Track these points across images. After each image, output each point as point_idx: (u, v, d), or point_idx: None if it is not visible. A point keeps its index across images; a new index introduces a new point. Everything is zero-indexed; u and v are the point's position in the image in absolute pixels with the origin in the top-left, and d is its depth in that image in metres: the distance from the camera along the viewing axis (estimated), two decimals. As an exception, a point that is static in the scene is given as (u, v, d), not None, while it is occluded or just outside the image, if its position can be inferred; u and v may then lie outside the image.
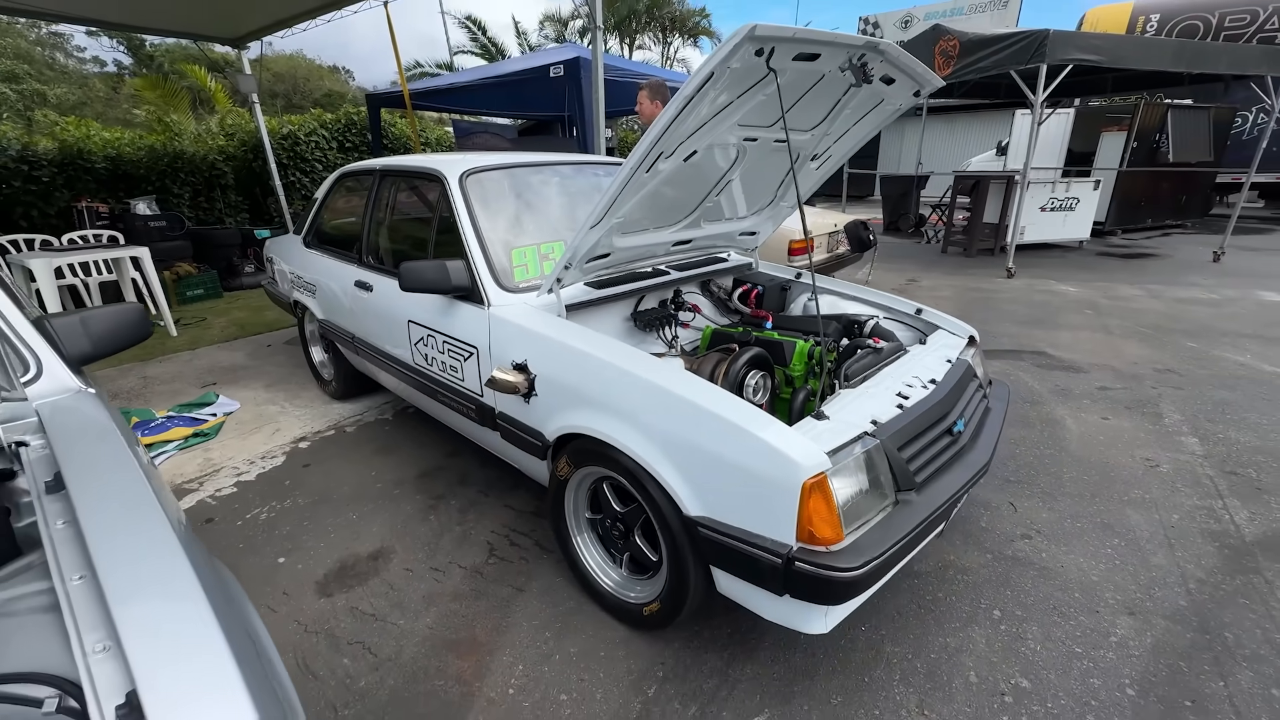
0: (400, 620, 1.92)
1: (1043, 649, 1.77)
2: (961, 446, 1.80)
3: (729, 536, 1.46)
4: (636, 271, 2.43)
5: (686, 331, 2.57)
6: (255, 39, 7.18)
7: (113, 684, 0.71)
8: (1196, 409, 3.34)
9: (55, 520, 0.94)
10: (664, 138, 1.61)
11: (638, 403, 1.63)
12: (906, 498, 1.57)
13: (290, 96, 22.68)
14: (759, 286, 2.68)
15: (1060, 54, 5.98)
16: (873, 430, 1.58)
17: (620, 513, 1.83)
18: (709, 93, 1.51)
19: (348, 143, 8.98)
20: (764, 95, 1.72)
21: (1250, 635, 1.80)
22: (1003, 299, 5.96)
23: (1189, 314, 5.28)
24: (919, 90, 2.10)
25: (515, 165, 2.60)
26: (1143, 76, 8.14)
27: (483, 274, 2.12)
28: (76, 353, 1.45)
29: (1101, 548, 2.21)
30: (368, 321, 2.80)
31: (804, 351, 2.13)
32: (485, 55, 16.58)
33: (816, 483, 1.36)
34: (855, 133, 2.32)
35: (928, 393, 1.84)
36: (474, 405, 2.19)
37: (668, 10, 20.69)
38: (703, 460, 1.50)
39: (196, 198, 7.88)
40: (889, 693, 1.64)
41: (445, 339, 2.25)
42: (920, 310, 2.47)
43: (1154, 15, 12.92)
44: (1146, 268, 7.49)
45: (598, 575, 1.94)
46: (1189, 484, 2.61)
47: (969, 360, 2.15)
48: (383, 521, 2.44)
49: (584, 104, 4.93)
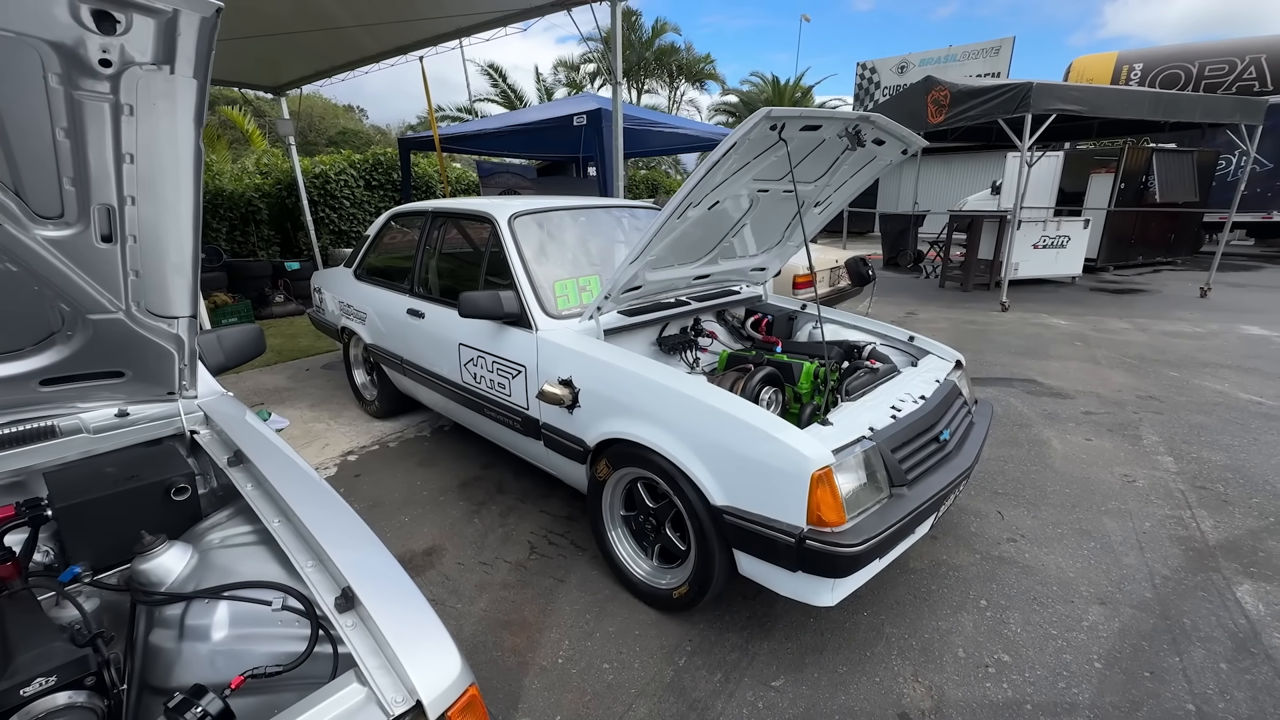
0: (458, 604, 2.18)
1: (1023, 631, 2.02)
2: (948, 452, 2.09)
3: (750, 521, 1.74)
4: (661, 301, 2.76)
5: (705, 355, 2.88)
6: (295, 87, 7.73)
7: (328, 585, 1.00)
8: (1174, 432, 3.61)
9: (245, 484, 1.25)
10: (694, 191, 1.95)
11: (672, 411, 1.93)
12: (899, 492, 1.85)
13: (306, 134, 23.62)
14: (769, 316, 3.00)
15: (1044, 104, 6.43)
16: (870, 435, 1.87)
17: (653, 508, 2.11)
18: (733, 156, 1.86)
19: (374, 181, 9.49)
20: (775, 157, 2.07)
21: (1206, 621, 2.05)
22: (997, 331, 6.28)
23: (1173, 346, 5.58)
24: (906, 150, 2.47)
25: (555, 209, 2.97)
26: (1127, 123, 8.63)
27: (531, 303, 2.45)
28: (214, 364, 1.77)
29: (1079, 550, 2.46)
30: (418, 345, 3.13)
31: (810, 372, 2.43)
32: (505, 102, 17.42)
33: (823, 474, 1.65)
34: (853, 183, 2.68)
35: (918, 406, 2.14)
36: (520, 417, 2.49)
37: (675, 58, 21.71)
38: (728, 458, 1.80)
39: (232, 232, 8.34)
40: (888, 664, 1.89)
41: (495, 359, 2.56)
42: (913, 337, 2.78)
43: (1137, 65, 13.60)
44: (1136, 302, 7.82)
45: (631, 566, 2.21)
46: (1162, 497, 2.87)
47: (955, 381, 2.45)
48: (432, 524, 2.72)
49: (605, 150, 5.36)
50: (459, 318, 2.47)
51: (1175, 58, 13.43)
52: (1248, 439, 3.48)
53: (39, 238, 0.97)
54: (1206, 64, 12.93)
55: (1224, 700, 1.74)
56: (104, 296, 1.11)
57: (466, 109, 14.36)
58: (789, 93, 22.50)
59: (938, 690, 1.80)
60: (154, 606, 1.05)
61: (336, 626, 0.94)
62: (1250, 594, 2.19)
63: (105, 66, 0.78)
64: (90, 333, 1.18)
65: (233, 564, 1.10)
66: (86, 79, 0.79)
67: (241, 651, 1.01)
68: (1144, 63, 13.73)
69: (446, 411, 3.27)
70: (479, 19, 5.38)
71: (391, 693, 0.86)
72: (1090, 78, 14.15)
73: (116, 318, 1.16)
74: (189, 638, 1.01)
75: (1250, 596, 2.17)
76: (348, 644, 0.91)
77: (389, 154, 9.59)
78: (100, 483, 1.21)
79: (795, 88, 22.87)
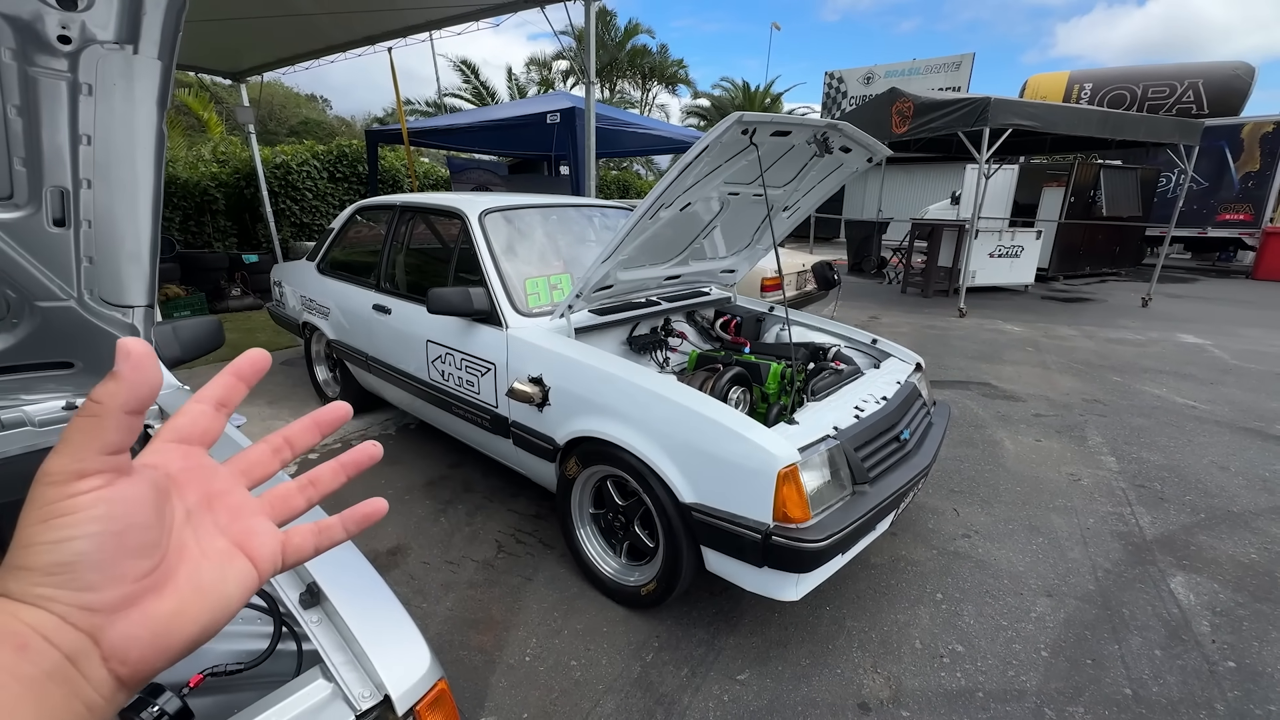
0: (423, 604, 2.15)
1: (975, 622, 2.11)
2: (907, 451, 2.16)
3: (718, 518, 1.77)
4: (632, 301, 2.77)
5: (674, 355, 2.91)
6: (255, 74, 7.48)
7: (291, 581, 0.99)
8: (1116, 433, 3.80)
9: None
10: (666, 193, 1.98)
11: (642, 409, 1.95)
12: (861, 489, 1.91)
13: (266, 123, 22.82)
14: (738, 317, 3.05)
15: (1000, 119, 6.70)
16: (834, 434, 1.93)
17: (622, 506, 2.13)
18: (705, 159, 1.89)
19: (338, 173, 9.24)
20: (746, 161, 2.11)
21: (1142, 611, 2.18)
22: (955, 336, 6.50)
23: (1117, 353, 5.88)
24: (871, 158, 2.54)
25: (526, 206, 2.96)
26: (1077, 139, 9.05)
27: (501, 300, 2.44)
28: (169, 357, 1.71)
29: (1028, 545, 2.58)
30: (384, 341, 3.07)
31: (777, 372, 2.48)
32: (476, 98, 17.19)
33: (789, 472, 1.69)
34: (820, 189, 2.75)
35: (880, 407, 2.20)
36: (489, 415, 2.47)
37: (647, 60, 21.78)
38: (696, 456, 1.82)
39: (187, 221, 8.01)
40: (849, 656, 1.95)
41: (464, 356, 2.54)
42: (876, 340, 2.87)
43: (1087, 84, 14.27)
44: (1083, 311, 8.21)
45: (599, 563, 2.22)
46: (1104, 494, 3.03)
47: (915, 383, 2.54)
48: (397, 524, 2.67)
49: (578, 148, 5.36)
50: (427, 314, 2.44)
51: (1122, 79, 14.16)
52: (1182, 440, 3.70)
53: (-15, 220, 0.93)
54: (1150, 86, 13.67)
55: (1158, 684, 1.85)
56: (54, 283, 1.07)
57: (436, 103, 14.14)
58: (759, 99, 22.84)
59: (896, 680, 1.86)
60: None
61: (301, 623, 0.93)
62: (1182, 585, 2.32)
63: (64, 43, 0.75)
64: (38, 321, 1.12)
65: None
66: (43, 55, 0.76)
67: (204, 650, 0.98)
68: (1094, 82, 14.43)
69: (412, 409, 3.22)
70: (450, 11, 5.30)
71: (358, 688, 0.85)
72: (1044, 94, 14.78)
73: (67, 306, 1.11)
74: (143, 637, 0.98)
75: (1182, 588, 2.31)
76: (313, 640, 0.90)
77: (354, 145, 9.36)
78: (46, 478, 1.16)
79: (765, 94, 23.22)
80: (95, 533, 0.29)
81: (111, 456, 0.29)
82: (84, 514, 0.28)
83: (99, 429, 0.29)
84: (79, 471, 0.29)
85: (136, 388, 0.29)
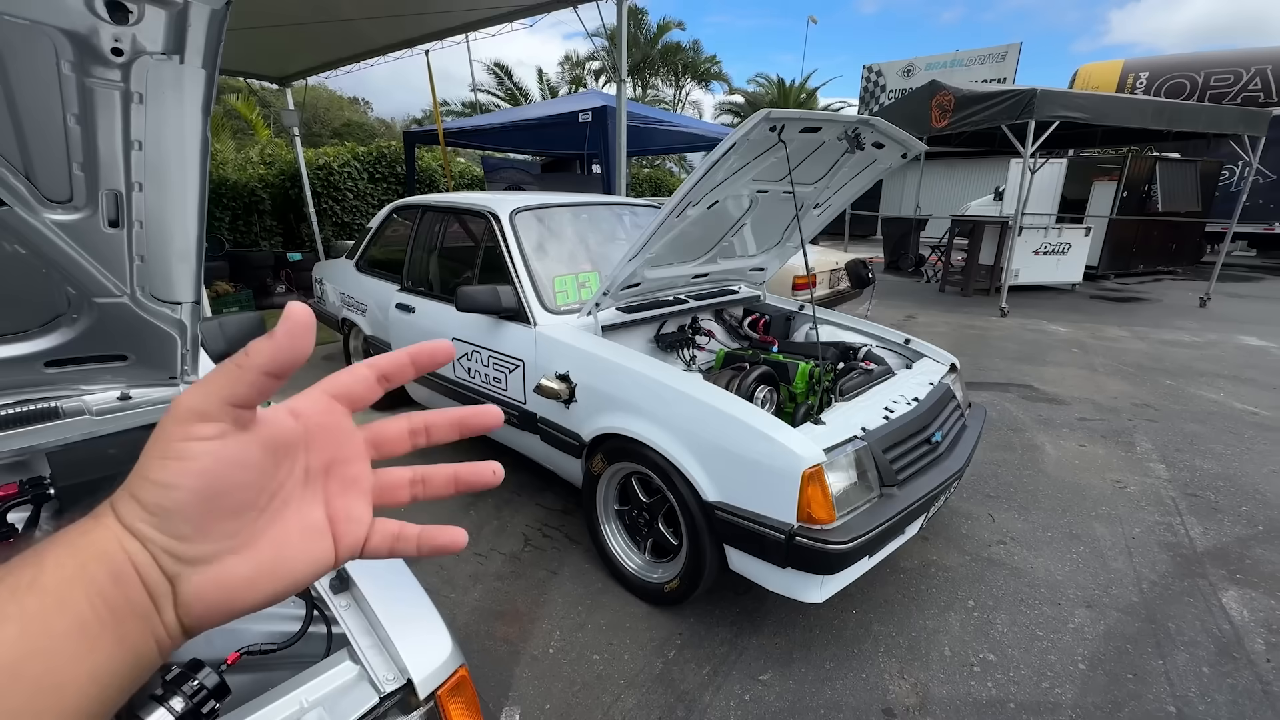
0: (451, 594, 2.21)
1: (1009, 631, 2.05)
2: (939, 454, 2.11)
3: (741, 517, 1.77)
4: (660, 299, 2.78)
5: (702, 354, 2.90)
6: (300, 78, 7.75)
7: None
8: (1167, 440, 3.63)
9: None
10: (693, 191, 1.97)
11: (667, 407, 1.95)
12: (889, 492, 1.87)
13: (310, 125, 23.60)
14: (766, 316, 3.02)
15: (1047, 111, 6.45)
16: (862, 435, 1.90)
17: (646, 503, 2.14)
18: (732, 156, 1.88)
19: (378, 174, 9.50)
20: (775, 158, 2.09)
21: (1190, 626, 2.08)
22: (995, 336, 6.30)
23: (1171, 355, 5.60)
24: (905, 154, 2.49)
25: (556, 205, 2.99)
26: (1130, 131, 8.64)
27: (530, 298, 2.47)
28: (215, 351, 1.79)
29: (1068, 553, 2.49)
30: (409, 340, 3.14)
31: (805, 372, 2.45)
32: (509, 99, 17.43)
33: (814, 472, 1.67)
34: (852, 186, 2.71)
35: (910, 408, 2.16)
36: (516, 411, 2.51)
37: (680, 57, 21.69)
38: (721, 454, 1.82)
39: (235, 221, 8.36)
40: (875, 661, 1.92)
41: (490, 354, 2.59)
42: (908, 340, 2.80)
43: (1143, 73, 13.60)
44: (1135, 311, 7.84)
45: (623, 559, 2.24)
46: (1152, 503, 2.89)
47: (949, 384, 2.48)
48: (426, 513, 2.74)
49: (609, 147, 5.38)
50: (453, 312, 2.50)
51: (1181, 67, 13.44)
52: (1241, 448, 3.50)
53: (48, 221, 0.99)
54: (1212, 74, 12.94)
55: (1205, 703, 1.77)
56: (110, 281, 1.13)
57: (471, 104, 14.39)
58: (794, 94, 22.49)
59: (923, 687, 1.82)
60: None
61: (331, 607, 0.97)
62: (1235, 600, 2.21)
63: (117, 55, 0.80)
64: (95, 316, 1.20)
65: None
66: (98, 67, 0.81)
67: (238, 629, 1.03)
68: (1150, 71, 13.74)
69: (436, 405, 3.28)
70: (485, 14, 5.39)
71: (383, 670, 0.88)
72: (1096, 85, 14.16)
73: (121, 302, 1.18)
74: (186, 615, 1.04)
75: (1235, 603, 2.20)
76: (341, 624, 0.94)
77: (393, 147, 9.60)
78: (102, 463, 1.24)
79: (800, 90, 22.85)
80: (196, 488, 0.29)
81: (237, 409, 0.30)
82: (191, 464, 0.29)
83: (234, 380, 0.30)
84: (202, 413, 0.30)
85: (284, 351, 0.31)
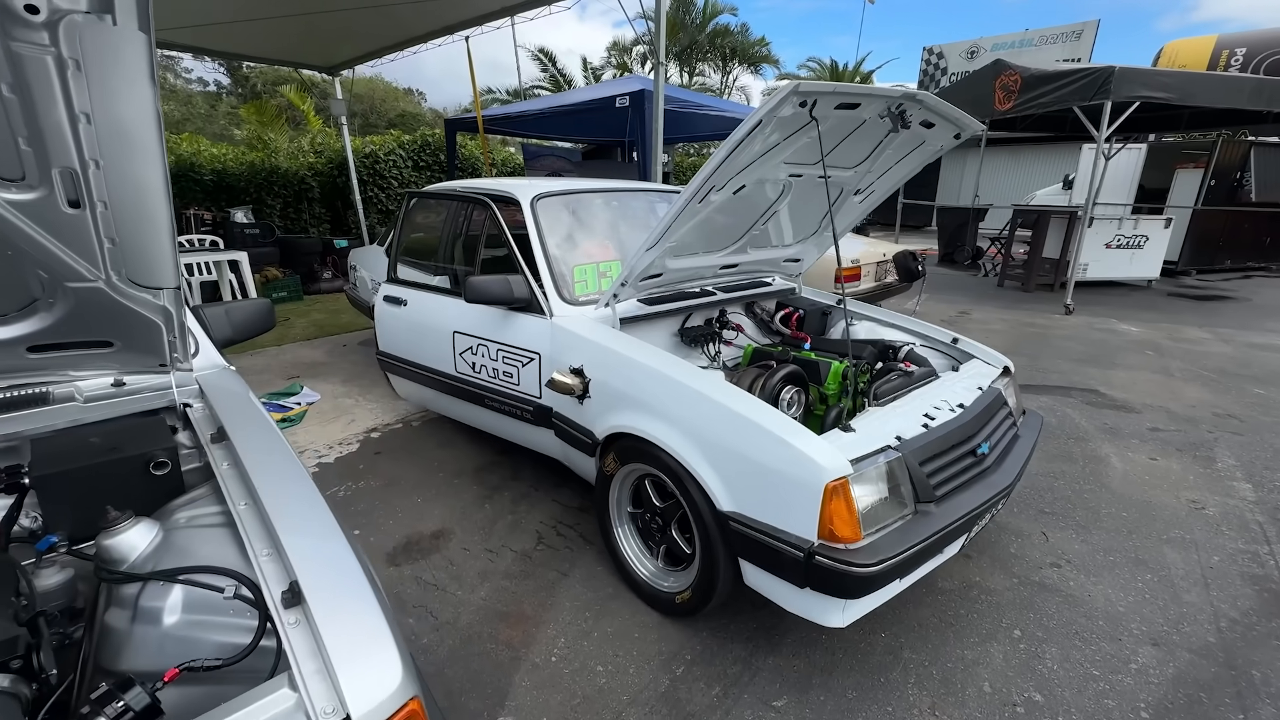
0: (458, 591, 2.15)
1: (1060, 669, 1.83)
2: (985, 468, 1.90)
3: (757, 530, 1.62)
4: (685, 291, 2.63)
5: (729, 349, 2.74)
6: (347, 67, 7.89)
7: (277, 577, 0.95)
8: (1254, 455, 3.25)
9: (221, 462, 1.21)
10: (716, 174, 1.82)
11: (681, 407, 1.82)
12: (925, 509, 1.69)
13: (368, 116, 24.27)
14: (800, 310, 2.83)
15: (1126, 91, 5.90)
16: (896, 444, 1.71)
17: (659, 507, 2.02)
18: (758, 136, 1.72)
19: (421, 162, 9.64)
20: (808, 138, 1.91)
21: (1279, 674, 1.81)
22: (1058, 335, 5.85)
23: (1260, 360, 5.06)
24: (959, 134, 2.25)
25: (580, 191, 2.87)
26: (1221, 113, 7.85)
27: (548, 287, 2.37)
28: (221, 337, 1.76)
29: (1132, 581, 2.23)
30: (400, 337, 3.05)
31: (839, 372, 2.27)
32: (554, 86, 17.41)
33: (838, 486, 1.51)
34: (898, 170, 2.48)
35: (954, 415, 1.95)
36: (531, 407, 2.42)
37: (729, 40, 21.15)
38: (737, 461, 1.67)
39: (286, 209, 8.63)
40: (903, 693, 1.74)
41: (501, 347, 2.48)
42: (956, 340, 2.57)
43: (1239, 50, 12.39)
44: (1220, 310, 7.16)
45: (635, 564, 2.12)
46: (1235, 528, 2.58)
47: (1001, 389, 2.24)
48: (444, 506, 2.70)
49: (645, 132, 5.23)
50: (454, 305, 2.43)
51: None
52: (1343, 469, 3.10)
53: (2, 201, 0.94)
54: (1322, 49, 11.66)
55: (1295, 769, 1.53)
56: (80, 264, 1.09)
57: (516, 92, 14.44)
58: (847, 78, 21.62)
59: (956, 727, 1.64)
60: (113, 585, 1.02)
61: (278, 623, 0.89)
62: (1335, 647, 1.92)
63: (33, 13, 0.72)
64: (72, 301, 1.16)
65: (193, 546, 1.06)
66: (19, 28, 0.74)
67: (192, 639, 0.97)
68: (1247, 47, 12.49)
69: (432, 405, 3.17)
70: (524, -4, 5.32)
71: (322, 701, 0.79)
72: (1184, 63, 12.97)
73: (96, 286, 1.14)
74: (141, 620, 0.98)
75: (1335, 650, 1.91)
76: (285, 643, 0.86)
77: (437, 135, 9.72)
78: (82, 452, 1.20)
79: (855, 73, 21.96)
80: None
81: None
82: None
83: None
84: None
85: None
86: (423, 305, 2.88)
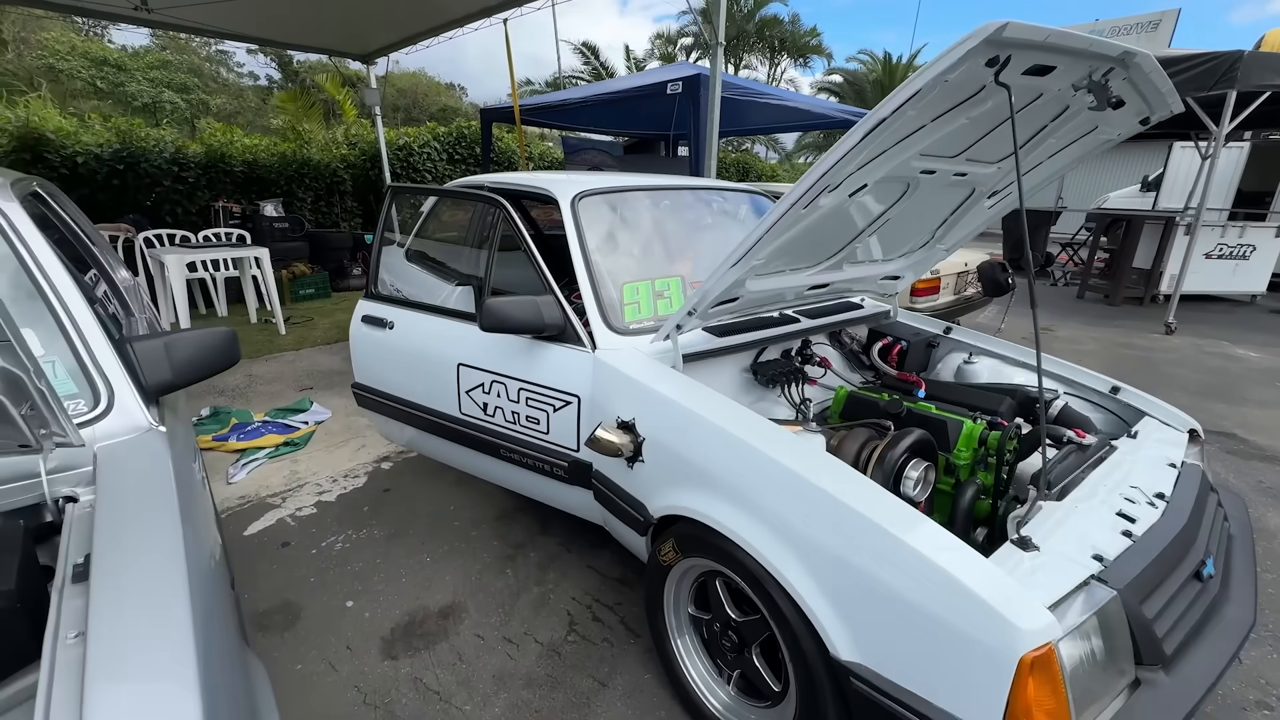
0: (466, 705, 1.67)
1: None
2: (1215, 597, 1.32)
3: (895, 702, 1.09)
4: (760, 317, 2.10)
5: (813, 389, 2.19)
6: (382, 55, 7.55)
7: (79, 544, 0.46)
8: None
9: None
10: (836, 167, 1.28)
11: (772, 492, 1.30)
12: (1151, 675, 1.13)
13: (410, 110, 24.26)
14: (903, 341, 2.26)
15: (1256, 79, 5.11)
16: (1101, 573, 1.15)
17: (736, 621, 1.49)
18: (907, 113, 1.17)
19: (456, 154, 9.27)
20: (966, 119, 1.36)
21: None
22: (1165, 361, 5.09)
23: None
24: (1147, 118, 1.66)
25: (632, 188, 2.35)
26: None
27: (592, 312, 1.87)
28: (157, 381, 1.30)
29: (1385, 740, 1.61)
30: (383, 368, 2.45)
31: (973, 434, 1.70)
32: (596, 79, 16.98)
33: (1040, 656, 0.96)
34: (1047, 167, 1.89)
35: (1159, 514, 1.38)
36: (566, 462, 1.90)
37: (777, 31, 20.35)
38: (862, 586, 1.14)
39: (317, 202, 8.35)
40: None
41: (525, 386, 1.96)
42: (1117, 389, 1.97)
43: (1354, 38, 11.07)
44: (1349, 334, 6.24)
45: (700, 690, 1.60)
46: None
47: (1201, 467, 1.65)
48: (457, 569, 2.23)
49: (699, 123, 4.69)
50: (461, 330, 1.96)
51: None
52: None
53: None
54: None
55: None
56: None
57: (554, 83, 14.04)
58: (901, 72, 20.56)
59: None
60: None
61: None
62: None
63: None
64: None
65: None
66: None
67: None
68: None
69: (427, 450, 2.50)
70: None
71: None
72: (1286, 54, 11.71)
73: None
74: None
75: None
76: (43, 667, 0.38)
77: (473, 127, 9.34)
78: None
79: (909, 66, 20.87)
80: None
81: None
82: None
83: None
84: None
85: None
86: (416, 329, 2.28)
